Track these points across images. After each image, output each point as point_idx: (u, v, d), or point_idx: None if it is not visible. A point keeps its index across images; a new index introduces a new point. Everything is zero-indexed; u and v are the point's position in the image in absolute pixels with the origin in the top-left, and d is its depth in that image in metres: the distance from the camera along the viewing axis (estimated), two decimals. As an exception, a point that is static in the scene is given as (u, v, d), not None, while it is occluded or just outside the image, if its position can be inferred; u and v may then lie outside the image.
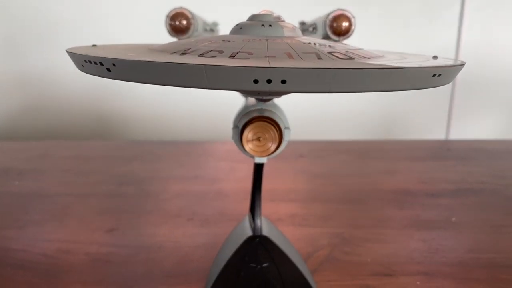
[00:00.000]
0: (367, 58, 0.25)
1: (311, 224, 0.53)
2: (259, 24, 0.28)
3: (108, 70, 0.22)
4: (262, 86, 0.19)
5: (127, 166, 0.73)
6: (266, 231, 0.40)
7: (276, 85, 0.19)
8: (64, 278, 0.44)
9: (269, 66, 0.19)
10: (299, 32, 0.30)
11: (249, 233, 0.42)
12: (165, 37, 0.40)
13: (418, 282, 0.43)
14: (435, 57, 0.30)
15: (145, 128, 0.98)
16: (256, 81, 0.19)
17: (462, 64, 0.24)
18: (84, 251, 0.48)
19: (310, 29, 0.52)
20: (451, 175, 0.69)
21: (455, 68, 0.22)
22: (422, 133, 1.03)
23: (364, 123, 1.01)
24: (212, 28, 0.56)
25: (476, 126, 1.02)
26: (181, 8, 0.43)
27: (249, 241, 0.42)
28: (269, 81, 0.19)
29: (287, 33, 0.29)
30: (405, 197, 0.61)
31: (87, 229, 0.53)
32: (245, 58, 0.23)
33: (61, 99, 0.96)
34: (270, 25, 0.28)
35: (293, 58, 0.23)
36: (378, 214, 0.55)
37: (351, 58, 0.25)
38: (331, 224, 0.53)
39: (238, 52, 0.24)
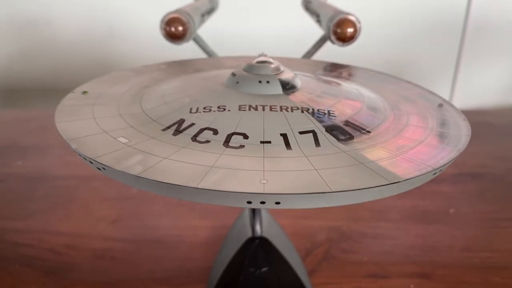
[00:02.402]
0: (367, 131, 0.24)
1: (310, 217, 0.54)
2: (256, 80, 0.27)
3: (98, 169, 0.21)
4: (256, 205, 0.19)
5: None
6: (265, 230, 0.41)
7: (270, 205, 0.19)
8: (71, 277, 0.45)
9: (263, 192, 0.18)
10: (298, 82, 0.29)
11: (248, 233, 0.43)
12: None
13: (411, 286, 0.45)
14: (440, 105, 0.28)
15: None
16: (249, 202, 0.19)
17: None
18: (89, 247, 0.49)
19: (315, 18, 0.50)
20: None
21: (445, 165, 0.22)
22: (428, 82, 1.00)
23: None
24: (212, 7, 0.53)
25: (484, 74, 1.00)
26: (177, 12, 0.41)
27: (249, 243, 0.43)
28: (262, 202, 0.19)
29: (284, 89, 0.27)
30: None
31: (92, 219, 0.54)
32: (240, 147, 0.22)
33: (61, 43, 0.93)
34: (268, 82, 0.27)
35: (290, 147, 0.22)
36: (377, 203, 0.56)
37: (350, 136, 0.24)
38: (330, 216, 0.54)
39: (233, 134, 0.23)
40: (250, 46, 0.93)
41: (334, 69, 0.37)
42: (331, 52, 0.49)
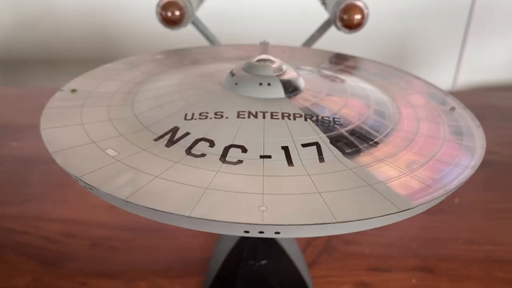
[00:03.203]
0: (375, 143, 0.23)
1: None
2: (257, 81, 0.25)
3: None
4: (255, 234, 0.18)
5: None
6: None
7: (269, 234, 0.18)
8: (68, 267, 0.45)
9: (262, 222, 0.17)
10: (301, 83, 0.27)
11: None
12: None
13: (414, 280, 0.44)
14: (452, 109, 0.27)
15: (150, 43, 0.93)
16: (247, 231, 0.17)
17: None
18: (86, 235, 0.48)
19: (320, 0, 0.47)
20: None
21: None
22: (434, 57, 0.98)
23: (373, 45, 0.95)
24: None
25: (491, 50, 0.97)
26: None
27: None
28: (261, 232, 0.17)
29: (287, 92, 0.25)
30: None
31: (89, 206, 0.53)
32: (238, 162, 0.20)
33: (60, 12, 0.90)
34: (269, 84, 0.25)
35: (292, 163, 0.21)
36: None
37: (357, 149, 0.22)
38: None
39: (230, 147, 0.21)
40: (252, 28, 0.90)
41: (340, 61, 0.35)
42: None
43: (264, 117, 0.23)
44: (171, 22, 0.38)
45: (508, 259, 0.47)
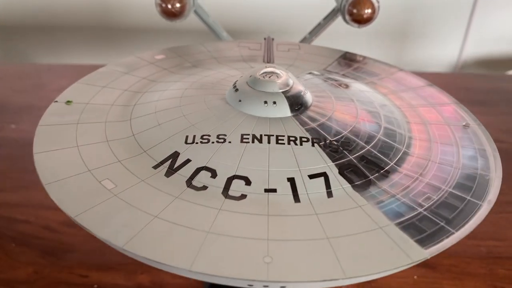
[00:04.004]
0: (386, 172, 0.22)
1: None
2: (261, 100, 0.24)
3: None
4: (259, 287, 0.17)
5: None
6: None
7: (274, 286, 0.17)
8: (69, 259, 0.44)
9: (267, 279, 0.16)
10: (308, 98, 0.25)
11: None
12: None
13: (415, 277, 0.44)
14: (466, 126, 0.25)
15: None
16: (251, 285, 0.17)
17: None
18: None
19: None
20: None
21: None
22: (442, 26, 0.95)
23: (380, 17, 0.93)
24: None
25: (499, 20, 0.95)
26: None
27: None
28: (266, 286, 0.17)
29: (293, 110, 0.24)
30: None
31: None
32: (241, 197, 0.19)
33: None
34: (274, 103, 0.24)
35: (299, 199, 0.20)
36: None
37: (367, 180, 0.21)
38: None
39: (233, 178, 0.20)
40: (256, 15, 0.87)
41: (349, 62, 0.34)
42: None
43: (269, 142, 0.22)
44: (171, 15, 0.36)
45: (510, 256, 0.47)
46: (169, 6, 0.34)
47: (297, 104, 0.24)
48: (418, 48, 1.02)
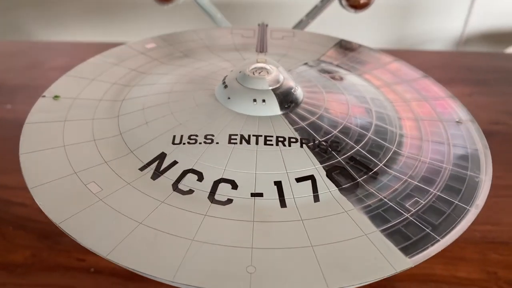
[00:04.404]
0: (375, 173, 0.21)
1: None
2: (251, 97, 0.24)
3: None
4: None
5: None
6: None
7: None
8: (65, 243, 0.44)
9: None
10: (299, 95, 0.25)
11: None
12: None
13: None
14: (459, 123, 0.25)
15: None
16: (233, 293, 0.17)
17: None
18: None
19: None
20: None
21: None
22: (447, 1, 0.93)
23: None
24: None
25: None
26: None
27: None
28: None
29: (283, 108, 0.24)
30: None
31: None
32: (227, 202, 0.19)
33: None
34: (264, 101, 0.23)
35: (285, 204, 0.20)
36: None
37: (354, 183, 0.21)
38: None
39: (220, 182, 0.20)
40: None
41: (344, 51, 0.33)
42: None
43: (257, 143, 0.22)
44: (163, 0, 0.35)
45: (504, 241, 0.47)
46: None
47: (287, 101, 0.24)
48: (421, 23, 1.00)
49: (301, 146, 0.22)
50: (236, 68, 0.26)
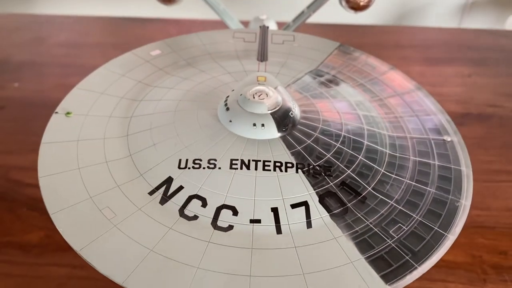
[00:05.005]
0: (363, 198, 0.24)
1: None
2: (251, 121, 0.25)
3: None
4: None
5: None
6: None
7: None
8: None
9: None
10: (296, 115, 0.27)
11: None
12: None
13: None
14: (446, 141, 0.27)
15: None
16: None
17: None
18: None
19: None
20: (462, 91, 0.66)
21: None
22: None
23: None
24: None
25: None
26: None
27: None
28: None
29: (281, 131, 0.26)
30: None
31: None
32: (228, 228, 0.22)
33: None
34: (263, 125, 0.25)
35: (281, 231, 0.22)
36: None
37: (344, 208, 0.23)
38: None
39: (222, 208, 0.23)
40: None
41: (342, 59, 0.34)
42: None
43: (256, 168, 0.24)
44: (166, 0, 0.36)
45: (491, 225, 0.49)
46: None
47: (284, 125, 0.26)
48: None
49: (297, 172, 0.24)
50: (237, 88, 0.27)
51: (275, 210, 0.23)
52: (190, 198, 0.23)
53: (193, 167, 0.24)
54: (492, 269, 0.43)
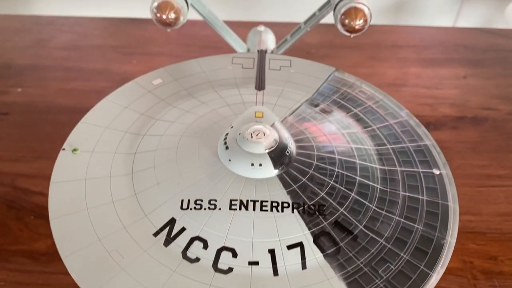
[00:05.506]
0: (355, 236, 0.25)
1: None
2: (249, 161, 0.27)
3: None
4: None
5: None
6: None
7: None
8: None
9: None
10: (292, 152, 0.28)
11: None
12: None
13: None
14: (437, 174, 0.29)
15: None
16: None
17: None
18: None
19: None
20: (457, 94, 0.67)
21: None
22: None
23: None
24: None
25: None
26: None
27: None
28: None
29: (277, 169, 0.27)
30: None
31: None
32: (228, 270, 0.24)
33: None
34: (260, 165, 0.27)
35: (277, 273, 0.24)
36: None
37: (337, 248, 0.25)
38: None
39: (222, 250, 0.24)
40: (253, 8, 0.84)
41: (336, 86, 0.36)
42: None
43: (254, 209, 0.26)
44: (166, 24, 0.37)
45: (482, 231, 0.51)
46: (164, 17, 0.35)
47: (281, 164, 0.27)
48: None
49: (292, 211, 0.26)
50: (235, 124, 0.29)
51: (272, 252, 0.24)
52: (192, 240, 0.24)
53: (195, 208, 0.25)
54: (483, 274, 0.45)
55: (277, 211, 0.25)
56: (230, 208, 0.25)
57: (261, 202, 0.26)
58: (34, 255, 0.47)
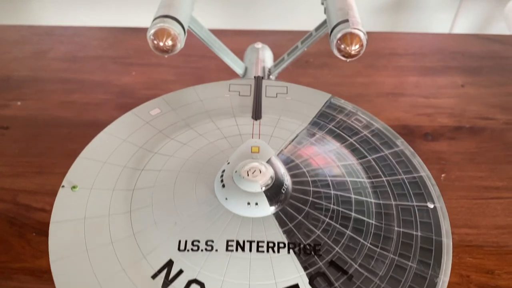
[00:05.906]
0: (350, 276, 0.26)
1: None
2: (245, 200, 0.27)
3: None
4: None
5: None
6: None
7: None
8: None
9: None
10: (288, 188, 0.29)
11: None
12: None
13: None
14: (430, 207, 0.29)
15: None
16: None
17: None
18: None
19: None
20: (455, 103, 0.67)
21: None
22: None
23: None
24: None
25: None
26: (164, 23, 0.38)
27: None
28: None
29: (273, 207, 0.28)
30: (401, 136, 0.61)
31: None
32: None
33: None
34: (256, 204, 0.27)
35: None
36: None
37: (332, 286, 0.25)
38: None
39: None
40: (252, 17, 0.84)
41: (332, 113, 0.36)
42: None
43: (250, 250, 0.26)
44: (163, 51, 0.38)
45: (479, 244, 0.52)
46: (161, 44, 0.35)
47: (277, 201, 0.28)
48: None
49: (288, 252, 0.26)
50: (232, 160, 0.29)
51: (268, 295, 0.25)
52: (189, 283, 0.25)
53: (192, 249, 0.26)
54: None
55: (273, 251, 0.26)
56: (227, 249, 0.26)
57: (258, 242, 0.26)
58: (36, 273, 0.47)
